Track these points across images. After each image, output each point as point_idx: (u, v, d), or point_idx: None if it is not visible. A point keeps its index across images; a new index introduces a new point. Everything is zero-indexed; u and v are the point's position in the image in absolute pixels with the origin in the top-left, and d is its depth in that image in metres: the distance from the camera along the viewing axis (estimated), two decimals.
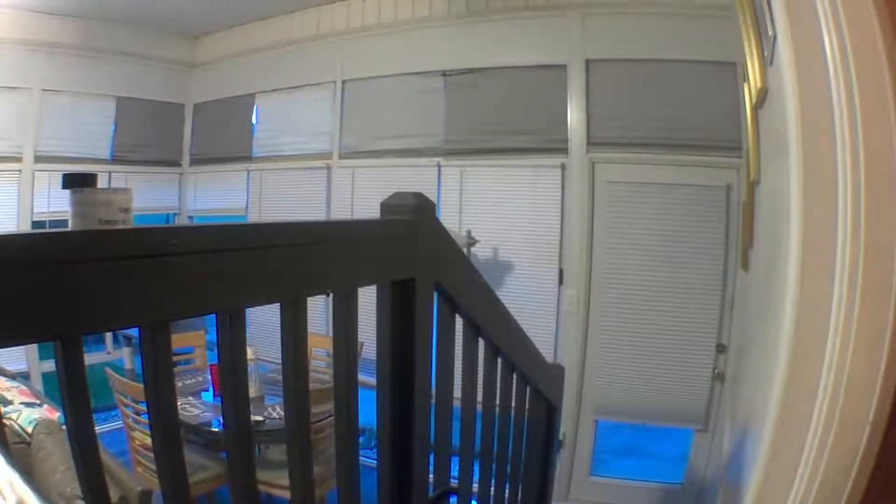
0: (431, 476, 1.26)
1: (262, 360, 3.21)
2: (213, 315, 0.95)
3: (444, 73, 3.81)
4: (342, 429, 1.11)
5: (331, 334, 1.09)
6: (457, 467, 1.40)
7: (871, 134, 0.99)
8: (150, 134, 4.84)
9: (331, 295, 1.04)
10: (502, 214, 3.60)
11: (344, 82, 4.21)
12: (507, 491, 1.70)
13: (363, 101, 4.18)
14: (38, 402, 2.27)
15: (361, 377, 1.13)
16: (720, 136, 3.02)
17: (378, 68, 4.07)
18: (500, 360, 1.52)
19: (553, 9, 3.43)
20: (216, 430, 2.69)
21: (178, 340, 3.56)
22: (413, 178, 3.86)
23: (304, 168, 4.37)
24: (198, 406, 2.90)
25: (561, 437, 3.08)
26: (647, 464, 3.74)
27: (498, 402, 1.55)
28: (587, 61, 3.30)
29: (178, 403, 1.02)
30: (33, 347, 3.87)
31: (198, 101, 5.03)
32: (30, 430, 1.94)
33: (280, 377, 1.06)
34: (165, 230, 0.87)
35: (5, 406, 2.13)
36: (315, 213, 4.31)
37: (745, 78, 1.94)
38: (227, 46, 4.82)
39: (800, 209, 1.12)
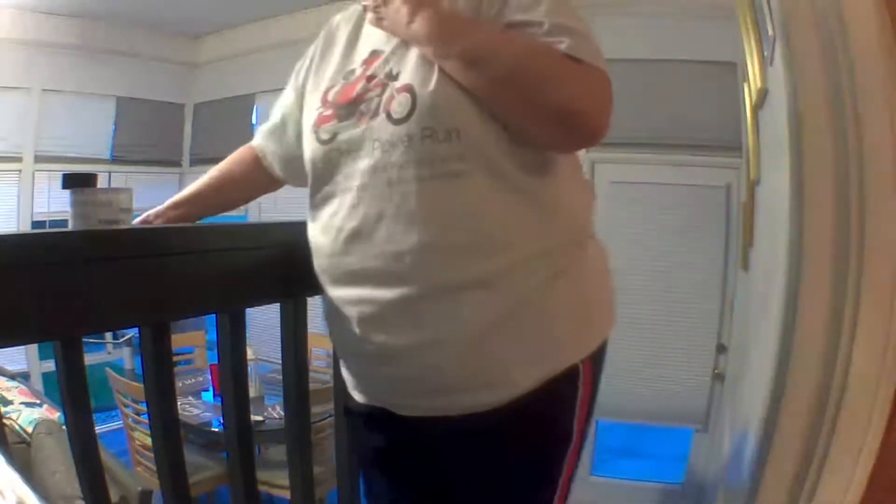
0: None
1: (262, 360, 3.21)
2: (213, 315, 0.95)
3: None
4: (342, 429, 1.11)
5: None
6: None
7: (871, 134, 0.99)
8: (150, 134, 4.84)
9: None
10: None
11: None
12: None
13: None
14: (38, 402, 2.27)
15: None
16: (720, 136, 3.02)
17: None
18: None
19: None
20: (216, 430, 2.69)
21: (178, 340, 3.56)
22: None
23: None
24: (198, 406, 2.90)
25: None
26: (647, 464, 3.74)
27: None
28: None
29: (178, 403, 1.02)
30: (33, 347, 3.87)
31: (198, 101, 5.02)
32: (30, 430, 1.93)
33: (280, 377, 1.06)
34: (165, 230, 0.87)
35: (5, 406, 2.13)
36: None
37: (745, 78, 1.94)
38: (227, 46, 4.82)
39: (797, 209, 1.12)
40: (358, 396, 0.94)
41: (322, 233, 0.87)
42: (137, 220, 1.02)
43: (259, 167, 1.11)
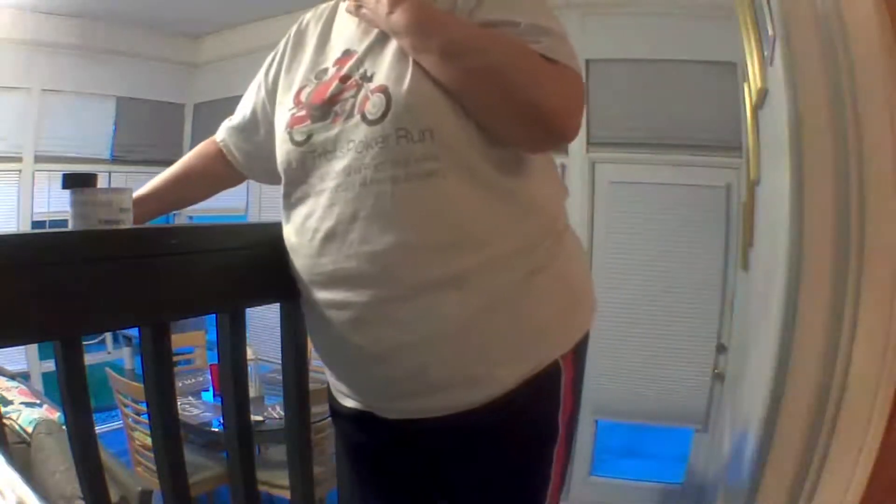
0: None
1: (262, 360, 3.21)
2: (213, 315, 0.95)
3: None
4: None
5: None
6: None
7: (871, 134, 0.99)
8: (150, 134, 4.83)
9: None
10: None
11: None
12: None
13: None
14: (38, 402, 2.27)
15: None
16: (720, 136, 3.02)
17: None
18: None
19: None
20: (216, 430, 2.69)
21: (178, 340, 3.55)
22: None
23: None
24: (198, 406, 2.90)
25: None
26: (647, 464, 3.74)
27: None
28: (587, 61, 3.30)
29: (178, 403, 1.02)
30: (33, 347, 3.87)
31: (198, 101, 5.02)
32: (30, 430, 1.93)
33: (280, 377, 1.06)
34: (165, 230, 0.87)
35: (5, 406, 2.13)
36: None
37: (745, 78, 1.94)
38: (227, 46, 4.82)
39: (797, 209, 1.12)
40: (343, 399, 0.94)
41: (296, 234, 0.86)
42: None
43: (223, 162, 1.10)
